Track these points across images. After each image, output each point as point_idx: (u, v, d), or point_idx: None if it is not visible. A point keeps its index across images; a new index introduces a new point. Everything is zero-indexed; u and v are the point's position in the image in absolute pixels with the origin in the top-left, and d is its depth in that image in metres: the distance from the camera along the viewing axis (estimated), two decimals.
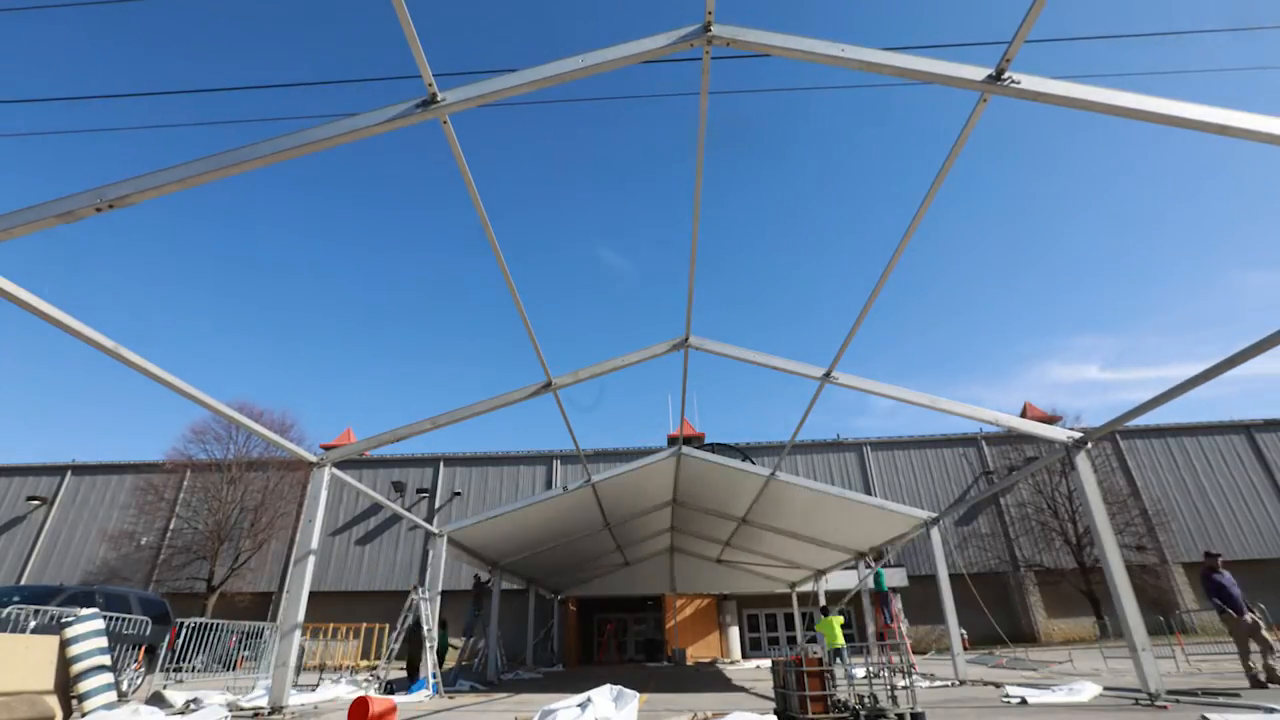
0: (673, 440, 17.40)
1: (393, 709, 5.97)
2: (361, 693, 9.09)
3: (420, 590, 11.26)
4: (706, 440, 27.95)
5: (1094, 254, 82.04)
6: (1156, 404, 6.52)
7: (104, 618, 7.09)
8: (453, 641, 15.10)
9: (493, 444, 42.96)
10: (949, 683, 10.11)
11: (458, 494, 28.96)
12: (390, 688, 10.61)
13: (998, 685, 9.13)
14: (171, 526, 27.35)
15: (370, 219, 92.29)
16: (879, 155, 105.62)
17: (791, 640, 24.39)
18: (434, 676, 10.28)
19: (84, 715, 6.11)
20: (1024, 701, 7.00)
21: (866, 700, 5.57)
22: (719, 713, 6.46)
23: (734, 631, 24.42)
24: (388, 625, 24.51)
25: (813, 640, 11.07)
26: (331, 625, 21.00)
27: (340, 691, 9.95)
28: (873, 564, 13.89)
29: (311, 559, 7.56)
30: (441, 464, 29.75)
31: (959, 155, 4.85)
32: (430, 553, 12.83)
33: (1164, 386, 6.29)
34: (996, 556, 25.98)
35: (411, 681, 11.16)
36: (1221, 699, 6.32)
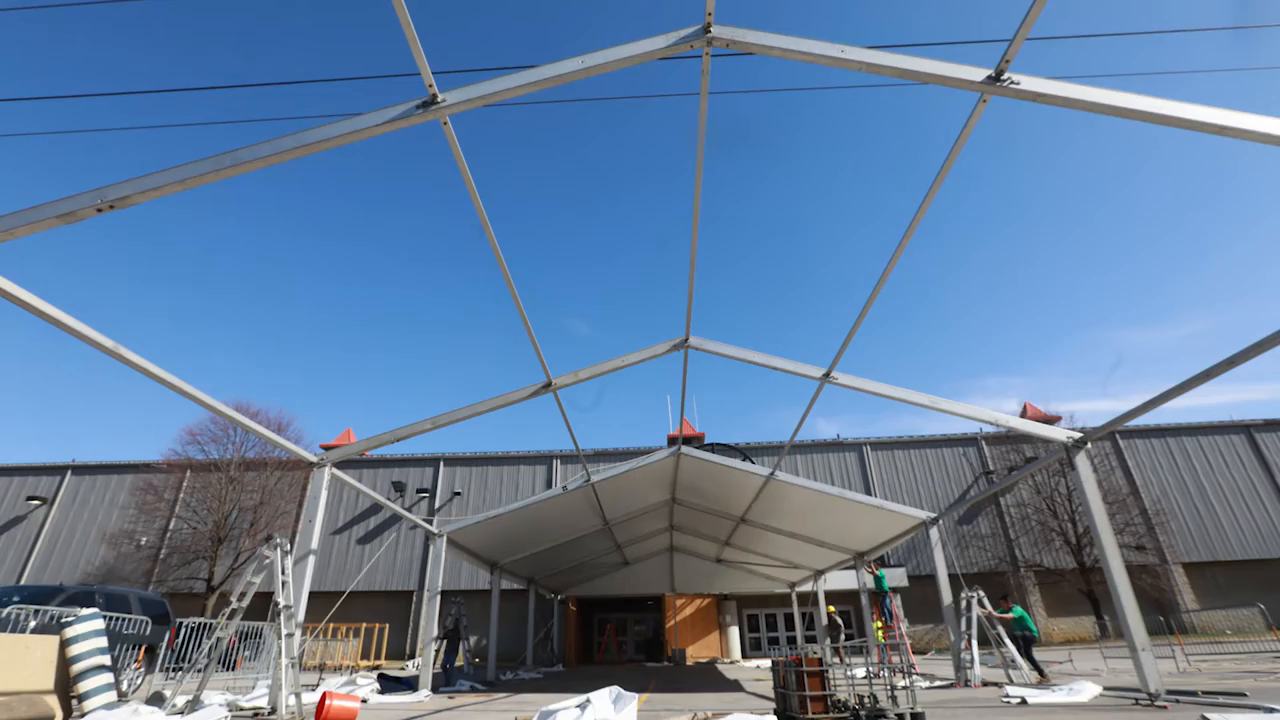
0: (672, 440, 17.40)
1: (353, 714, 6.04)
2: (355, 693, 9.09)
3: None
4: (706, 440, 27.96)
5: (1008, 303, 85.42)
6: (1156, 404, 6.52)
7: (104, 618, 7.09)
8: None
9: (493, 444, 42.99)
10: (949, 683, 10.11)
11: (458, 494, 28.97)
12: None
13: (998, 685, 9.14)
14: (171, 526, 27.35)
15: (370, 218, 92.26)
16: (881, 155, 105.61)
17: (791, 640, 24.39)
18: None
19: (84, 715, 6.11)
20: (1024, 701, 7.01)
21: (866, 700, 5.57)
22: (719, 713, 6.46)
23: (734, 631, 24.42)
24: (388, 625, 24.57)
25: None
26: (331, 625, 20.99)
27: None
28: (871, 565, 13.91)
29: (311, 559, 7.56)
30: (441, 464, 29.75)
31: (959, 156, 4.85)
32: (430, 552, 12.82)
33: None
34: (996, 556, 25.98)
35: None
36: (1221, 699, 6.33)
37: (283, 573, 7.10)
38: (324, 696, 5.99)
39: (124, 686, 8.73)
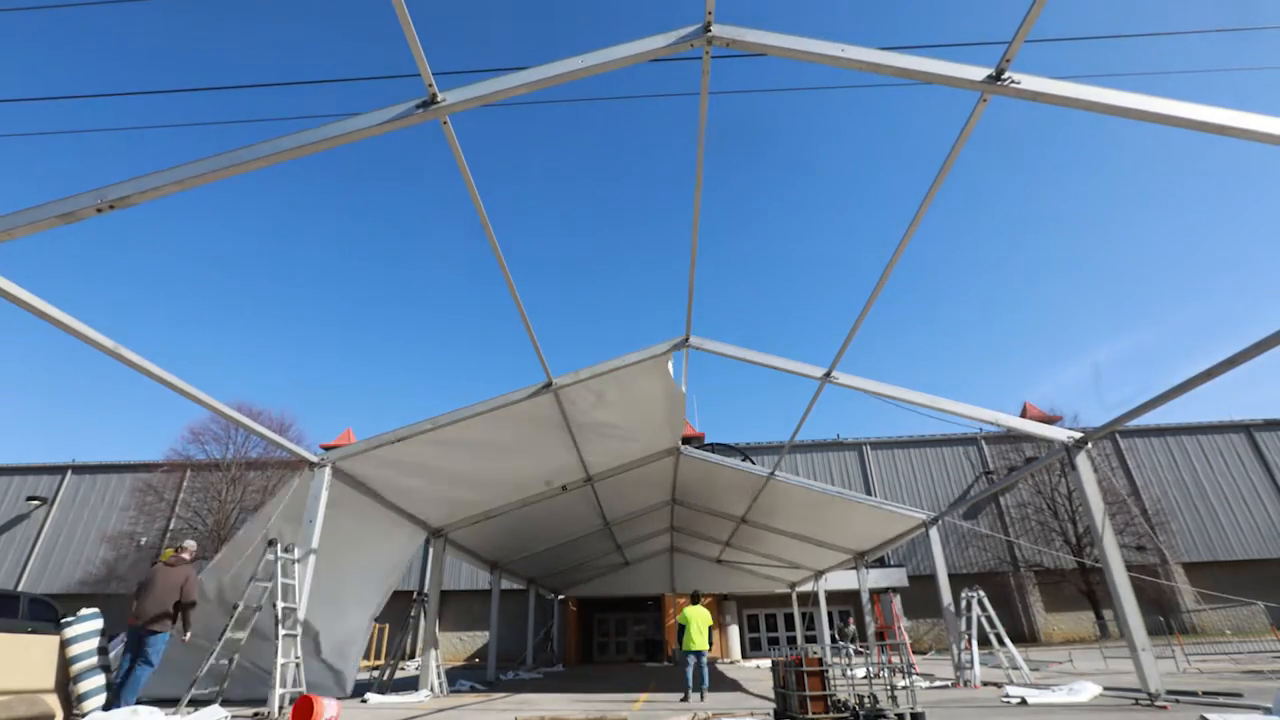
0: None
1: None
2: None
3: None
4: (706, 440, 27.95)
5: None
6: (1156, 404, 6.52)
7: (103, 618, 7.09)
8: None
9: None
10: (948, 683, 10.11)
11: None
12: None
13: (998, 685, 9.14)
14: (172, 527, 27.33)
15: (368, 216, 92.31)
16: (884, 155, 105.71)
17: (791, 640, 24.40)
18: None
19: (83, 715, 6.11)
20: (1024, 701, 7.01)
21: (866, 700, 5.57)
22: (719, 713, 6.46)
23: (734, 631, 24.43)
24: (387, 625, 24.54)
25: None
26: None
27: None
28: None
29: (312, 559, 7.55)
30: None
31: (958, 156, 4.85)
32: (430, 552, 12.81)
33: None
34: (996, 556, 25.98)
35: None
36: (1221, 699, 6.33)
37: (284, 575, 7.10)
38: (307, 701, 5.77)
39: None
